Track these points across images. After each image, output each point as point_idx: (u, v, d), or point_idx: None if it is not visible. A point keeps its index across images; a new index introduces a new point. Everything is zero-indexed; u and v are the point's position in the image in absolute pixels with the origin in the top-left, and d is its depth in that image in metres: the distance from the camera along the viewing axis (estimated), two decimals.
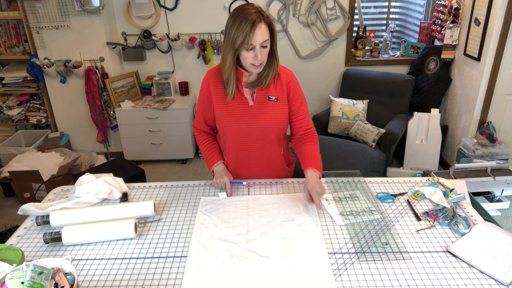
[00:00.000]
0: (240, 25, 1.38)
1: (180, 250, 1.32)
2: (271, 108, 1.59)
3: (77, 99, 3.74)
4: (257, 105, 1.58)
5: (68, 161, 3.36)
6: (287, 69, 1.63)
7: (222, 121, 1.61)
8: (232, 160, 1.71)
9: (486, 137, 3.04)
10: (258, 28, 1.38)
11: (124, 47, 3.70)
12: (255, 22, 1.38)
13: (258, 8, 1.44)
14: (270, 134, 1.63)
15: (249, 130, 1.60)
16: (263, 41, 1.41)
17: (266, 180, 1.73)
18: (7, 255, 1.15)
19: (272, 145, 1.67)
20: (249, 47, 1.41)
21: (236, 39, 1.40)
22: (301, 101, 1.63)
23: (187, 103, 3.67)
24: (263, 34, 1.40)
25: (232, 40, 1.41)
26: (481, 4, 2.96)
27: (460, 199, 1.53)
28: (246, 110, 1.58)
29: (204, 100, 1.64)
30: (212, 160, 1.71)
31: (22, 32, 3.64)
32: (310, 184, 1.50)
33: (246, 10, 1.41)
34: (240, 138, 1.63)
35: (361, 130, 3.30)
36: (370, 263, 1.24)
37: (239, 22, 1.39)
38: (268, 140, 1.65)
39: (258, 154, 1.68)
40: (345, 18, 3.64)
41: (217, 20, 3.64)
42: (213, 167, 1.71)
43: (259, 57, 1.43)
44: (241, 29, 1.38)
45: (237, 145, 1.65)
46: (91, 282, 1.19)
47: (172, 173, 3.69)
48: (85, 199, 1.56)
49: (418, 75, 3.64)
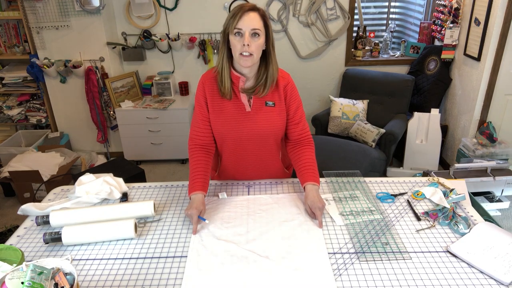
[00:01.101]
0: (233, 11, 1.40)
1: (180, 250, 1.32)
2: (268, 114, 1.55)
3: (77, 99, 3.74)
4: (255, 111, 1.54)
5: (68, 161, 3.36)
6: (284, 72, 1.60)
7: (219, 127, 1.56)
8: (230, 165, 1.68)
9: (486, 137, 3.04)
10: (247, 13, 1.39)
11: (124, 47, 3.70)
12: (245, 8, 1.39)
13: (257, 5, 1.45)
14: (268, 140, 1.60)
15: (247, 136, 1.57)
16: (252, 28, 1.38)
17: (266, 180, 1.73)
18: (7, 255, 1.15)
19: (270, 150, 1.65)
20: (234, 31, 1.39)
21: (226, 24, 1.42)
22: (297, 105, 1.60)
23: (187, 103, 3.67)
24: (253, 21, 1.38)
25: (224, 27, 1.43)
26: (481, 4, 2.96)
27: (460, 199, 1.53)
28: (243, 116, 1.54)
29: (202, 104, 1.56)
30: (193, 187, 1.50)
31: (22, 32, 3.64)
32: (310, 200, 1.46)
33: (243, 3, 1.44)
34: (237, 144, 1.60)
35: (361, 130, 3.30)
36: (370, 263, 1.24)
37: (233, 11, 1.41)
38: (266, 145, 1.62)
39: (256, 159, 1.65)
40: (345, 18, 3.64)
41: (217, 20, 3.64)
42: (190, 195, 1.49)
43: (246, 42, 1.37)
44: (232, 14, 1.40)
45: (234, 151, 1.62)
46: (91, 282, 1.19)
47: (172, 173, 3.70)
48: (85, 199, 1.56)
49: (418, 75, 3.64)
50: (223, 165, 1.71)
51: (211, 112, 1.55)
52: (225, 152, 1.65)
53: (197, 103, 1.58)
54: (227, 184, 1.72)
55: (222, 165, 1.72)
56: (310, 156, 1.59)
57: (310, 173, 1.54)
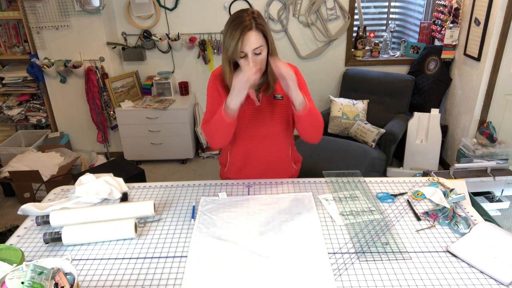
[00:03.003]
0: (232, 33, 1.38)
1: (180, 250, 1.32)
2: (277, 107, 1.59)
3: (77, 99, 3.74)
4: (264, 105, 1.58)
5: (68, 161, 3.36)
6: (290, 65, 1.58)
7: None
8: (239, 159, 1.71)
9: (486, 137, 3.04)
10: (248, 35, 1.37)
11: (124, 47, 3.70)
12: (245, 29, 1.36)
13: (254, 14, 1.41)
14: (278, 133, 1.63)
15: (256, 130, 1.60)
16: (255, 48, 1.39)
17: (266, 180, 1.73)
18: (7, 255, 1.15)
19: (279, 144, 1.68)
20: (240, 55, 1.40)
21: (228, 48, 1.40)
22: (305, 92, 1.58)
23: (187, 103, 3.67)
24: (254, 41, 1.38)
25: (226, 49, 1.42)
26: (481, 4, 2.96)
27: (460, 199, 1.53)
28: (252, 111, 1.58)
29: (214, 97, 1.58)
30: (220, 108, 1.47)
31: (22, 32, 3.64)
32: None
33: (239, 17, 1.39)
34: (247, 138, 1.63)
35: (361, 130, 3.30)
36: (370, 263, 1.24)
37: (231, 31, 1.38)
38: (275, 139, 1.65)
39: (265, 153, 1.68)
40: (345, 18, 3.64)
41: (217, 20, 3.64)
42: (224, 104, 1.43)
43: (251, 64, 1.40)
44: (233, 37, 1.37)
45: (243, 145, 1.65)
46: (91, 282, 1.19)
47: (172, 173, 3.69)
48: (85, 199, 1.56)
49: (418, 75, 3.64)
50: (232, 160, 1.73)
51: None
52: (234, 146, 1.68)
53: (209, 97, 1.61)
54: (227, 184, 1.72)
55: (231, 159, 1.74)
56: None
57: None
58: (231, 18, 1.42)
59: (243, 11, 1.43)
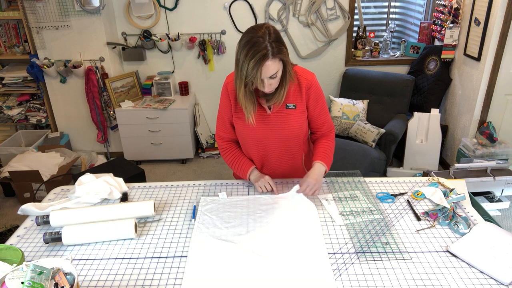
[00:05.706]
0: (249, 62, 1.32)
1: (180, 250, 1.32)
2: (289, 116, 1.55)
3: (77, 99, 3.74)
4: (275, 114, 1.55)
5: (68, 161, 3.36)
6: (307, 73, 1.55)
7: (240, 130, 1.60)
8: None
9: (486, 137, 3.04)
10: (266, 65, 1.33)
11: (124, 47, 3.70)
12: (263, 59, 1.31)
13: (271, 36, 1.34)
14: (290, 142, 1.62)
15: (268, 139, 1.59)
16: (272, 74, 1.37)
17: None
18: (7, 255, 1.15)
19: (290, 152, 1.66)
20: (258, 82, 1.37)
21: (245, 73, 1.35)
22: (321, 107, 1.59)
23: (187, 103, 3.68)
24: (272, 70, 1.35)
25: (242, 73, 1.36)
26: (481, 4, 2.96)
27: (460, 199, 1.53)
28: (264, 120, 1.55)
29: (226, 105, 1.59)
30: (244, 168, 1.67)
31: (22, 32, 3.64)
32: (309, 174, 1.55)
33: (257, 42, 1.31)
34: (259, 147, 1.63)
35: (361, 130, 3.30)
36: (370, 263, 1.24)
37: (250, 58, 1.31)
38: (287, 148, 1.63)
39: (278, 161, 1.67)
40: (345, 18, 3.64)
41: (217, 20, 3.64)
42: (248, 175, 1.67)
43: (267, 90, 1.41)
44: (248, 64, 1.32)
45: (256, 153, 1.65)
46: (91, 282, 1.19)
47: (172, 173, 3.69)
48: (85, 199, 1.57)
49: (418, 75, 3.64)
50: None
51: (233, 113, 1.59)
52: (249, 155, 1.69)
53: (221, 104, 1.63)
54: (227, 184, 1.72)
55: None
56: (328, 144, 1.66)
57: (321, 154, 1.61)
58: (246, 41, 1.34)
59: (257, 31, 1.34)
